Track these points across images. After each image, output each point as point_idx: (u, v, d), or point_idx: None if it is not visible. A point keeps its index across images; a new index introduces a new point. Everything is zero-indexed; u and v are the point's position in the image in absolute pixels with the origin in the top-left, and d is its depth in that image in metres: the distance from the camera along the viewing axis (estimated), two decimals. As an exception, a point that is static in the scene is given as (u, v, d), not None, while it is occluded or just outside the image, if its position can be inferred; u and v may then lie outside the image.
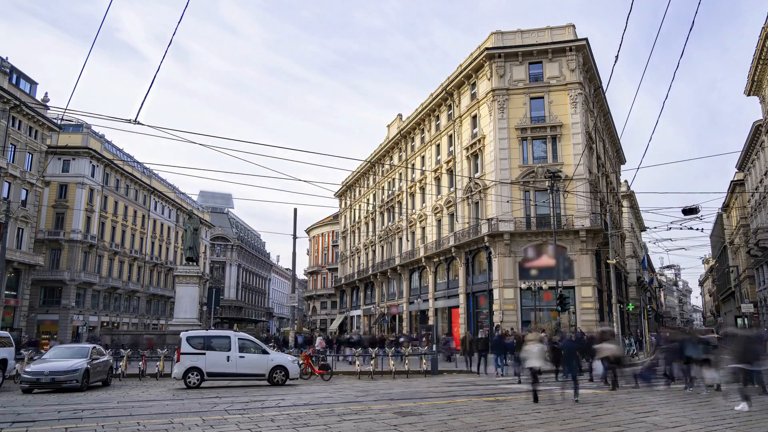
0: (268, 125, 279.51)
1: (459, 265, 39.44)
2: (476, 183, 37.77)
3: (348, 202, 68.23)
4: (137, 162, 62.69)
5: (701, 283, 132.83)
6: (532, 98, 36.29)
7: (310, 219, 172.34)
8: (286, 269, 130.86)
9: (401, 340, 30.90)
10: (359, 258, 62.01)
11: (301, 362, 20.38)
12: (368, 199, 59.99)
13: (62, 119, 44.88)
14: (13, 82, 42.88)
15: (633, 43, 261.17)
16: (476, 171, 38.37)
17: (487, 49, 37.07)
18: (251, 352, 17.94)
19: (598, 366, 17.25)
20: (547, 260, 33.08)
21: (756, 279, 51.96)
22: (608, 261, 33.33)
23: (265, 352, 18.34)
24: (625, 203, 59.32)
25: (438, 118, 44.79)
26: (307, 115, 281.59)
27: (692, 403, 12.17)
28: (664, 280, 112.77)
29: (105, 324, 55.51)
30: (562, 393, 13.56)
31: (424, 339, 32.30)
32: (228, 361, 17.41)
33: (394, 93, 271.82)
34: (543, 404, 12.09)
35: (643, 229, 73.58)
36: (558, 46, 36.01)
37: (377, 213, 56.52)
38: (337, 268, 72.63)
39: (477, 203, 37.90)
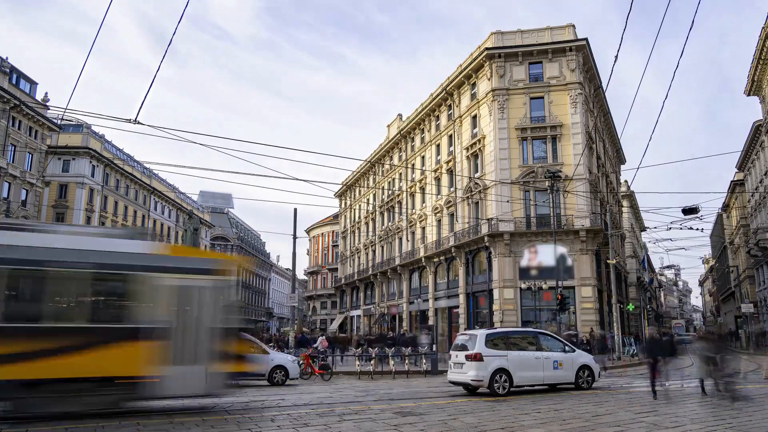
0: (269, 123, 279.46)
1: (459, 265, 39.44)
2: (476, 183, 37.78)
3: (348, 202, 68.23)
4: (137, 162, 62.72)
5: (701, 283, 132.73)
6: (532, 98, 36.29)
7: (311, 219, 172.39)
8: (286, 269, 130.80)
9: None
10: (359, 258, 62.01)
11: (301, 362, 20.40)
12: (368, 199, 60.00)
13: (62, 119, 44.88)
14: (13, 82, 42.87)
15: (636, 10, 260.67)
16: (476, 171, 38.37)
17: (487, 49, 37.08)
18: (251, 352, 17.94)
19: None
20: (547, 260, 33.08)
21: (756, 279, 51.95)
22: (608, 261, 33.38)
23: (264, 352, 18.37)
24: (625, 203, 59.33)
25: (438, 118, 44.80)
26: (310, 112, 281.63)
27: (692, 403, 12.18)
28: (664, 280, 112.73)
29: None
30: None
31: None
32: None
33: (394, 93, 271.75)
34: (543, 404, 12.10)
35: (643, 229, 73.57)
36: (558, 46, 36.02)
37: (377, 213, 56.53)
38: (337, 268, 72.63)
39: (477, 203, 37.91)
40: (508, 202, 33.64)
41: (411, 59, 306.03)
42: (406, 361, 22.76)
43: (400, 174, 50.72)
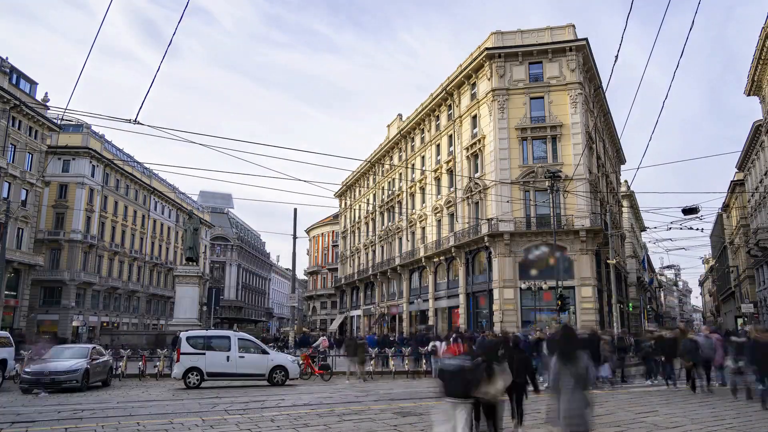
0: (268, 122, 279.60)
1: (459, 265, 39.44)
2: (476, 183, 37.77)
3: (348, 202, 68.23)
4: (137, 162, 62.71)
5: (701, 283, 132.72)
6: (532, 98, 36.28)
7: (311, 219, 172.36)
8: (286, 269, 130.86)
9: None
10: (359, 258, 62.01)
11: (301, 362, 20.39)
12: (368, 199, 60.00)
13: (62, 119, 44.86)
14: (13, 82, 42.87)
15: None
16: (476, 171, 38.37)
17: (487, 49, 37.08)
18: (251, 352, 17.95)
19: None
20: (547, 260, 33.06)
21: (756, 279, 51.94)
22: (608, 261, 33.37)
23: (264, 352, 18.35)
24: (625, 203, 59.32)
25: (438, 118, 44.80)
26: (310, 109, 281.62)
27: (692, 404, 12.18)
28: (664, 280, 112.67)
29: (105, 324, 55.48)
30: None
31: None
32: (228, 361, 17.41)
33: (395, 93, 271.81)
34: (543, 404, 12.08)
35: (643, 229, 73.57)
36: (558, 46, 36.01)
37: (377, 213, 56.53)
38: (337, 268, 72.62)
39: (477, 203, 37.90)
40: (508, 202, 33.63)
41: (411, 54, 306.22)
42: (407, 361, 22.73)
43: (400, 174, 50.72)
